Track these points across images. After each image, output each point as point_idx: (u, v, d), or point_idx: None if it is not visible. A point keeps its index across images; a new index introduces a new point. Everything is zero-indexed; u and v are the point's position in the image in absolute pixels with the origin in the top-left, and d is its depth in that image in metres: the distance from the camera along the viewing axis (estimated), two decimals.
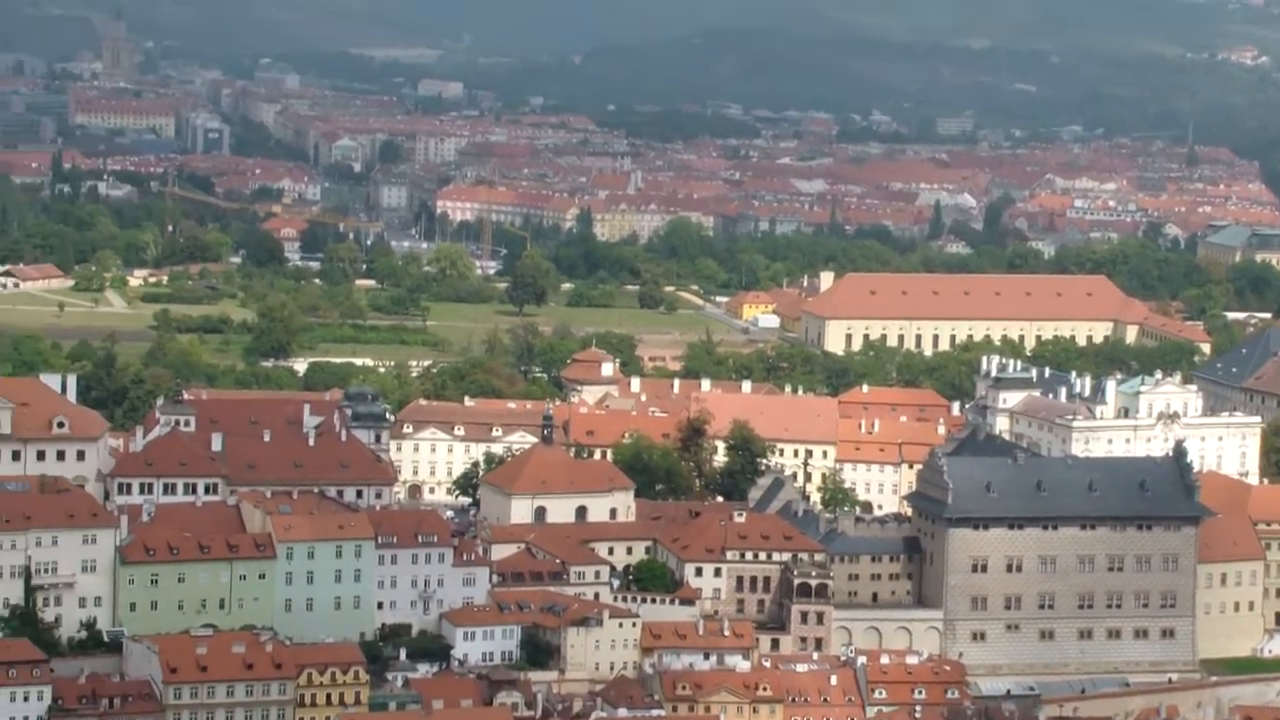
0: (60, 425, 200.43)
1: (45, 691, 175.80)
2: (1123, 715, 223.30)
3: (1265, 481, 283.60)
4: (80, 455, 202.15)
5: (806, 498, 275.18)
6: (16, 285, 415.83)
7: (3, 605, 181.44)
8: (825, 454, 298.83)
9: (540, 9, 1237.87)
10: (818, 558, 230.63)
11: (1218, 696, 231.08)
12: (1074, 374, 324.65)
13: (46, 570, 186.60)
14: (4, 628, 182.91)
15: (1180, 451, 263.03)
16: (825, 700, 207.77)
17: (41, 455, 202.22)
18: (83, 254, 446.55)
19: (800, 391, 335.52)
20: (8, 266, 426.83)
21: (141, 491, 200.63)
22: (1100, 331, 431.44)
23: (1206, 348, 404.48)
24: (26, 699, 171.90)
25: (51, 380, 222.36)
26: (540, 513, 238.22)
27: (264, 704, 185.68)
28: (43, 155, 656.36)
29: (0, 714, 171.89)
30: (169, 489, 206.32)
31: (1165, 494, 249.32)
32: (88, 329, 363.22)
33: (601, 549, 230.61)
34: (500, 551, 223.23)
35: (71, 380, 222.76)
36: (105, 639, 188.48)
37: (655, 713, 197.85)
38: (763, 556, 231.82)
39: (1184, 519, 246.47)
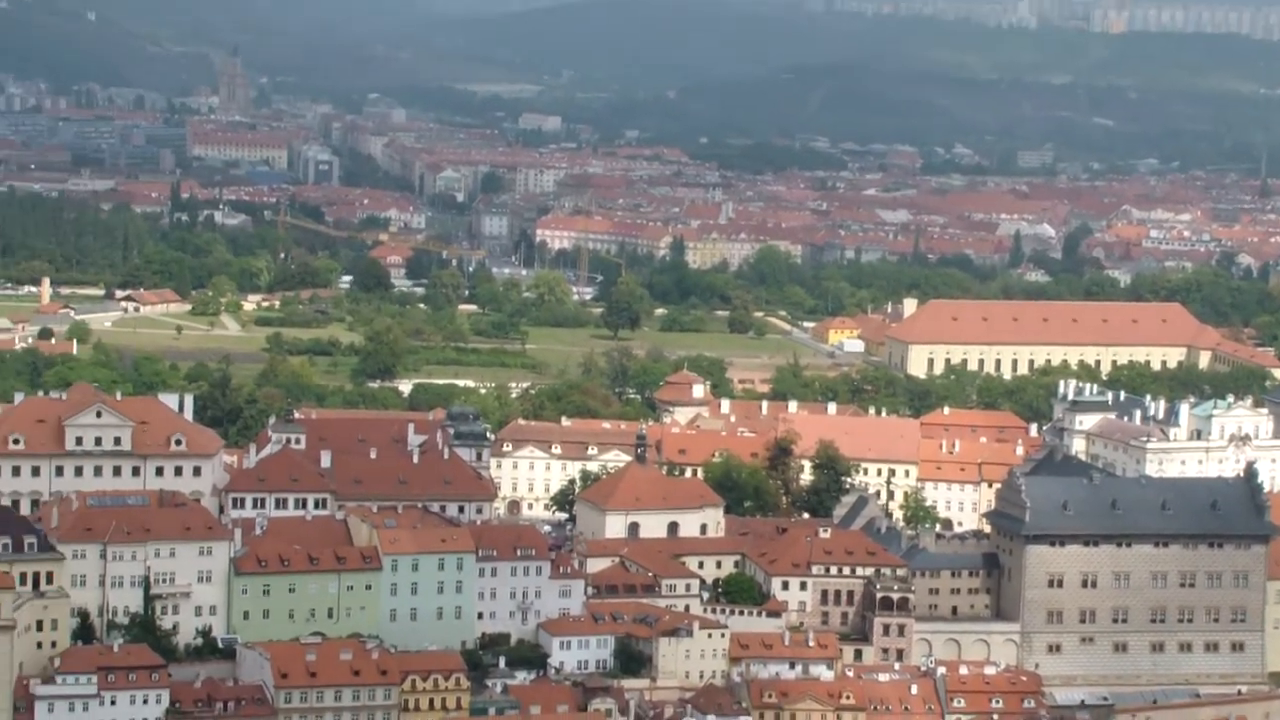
0: (178, 443, 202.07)
1: (163, 695, 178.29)
2: None
3: None
4: (196, 471, 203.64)
5: (889, 515, 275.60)
6: (137, 310, 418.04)
7: (123, 613, 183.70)
8: (907, 473, 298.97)
9: (636, 47, 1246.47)
10: (900, 572, 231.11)
11: None
12: (1148, 397, 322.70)
13: (165, 580, 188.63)
14: (125, 634, 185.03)
15: (1251, 472, 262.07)
16: (906, 709, 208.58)
17: (160, 471, 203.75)
18: (199, 280, 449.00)
19: (884, 413, 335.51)
20: (129, 292, 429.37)
21: (254, 506, 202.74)
22: (1174, 357, 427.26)
23: (1278, 373, 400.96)
24: (145, 702, 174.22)
25: (170, 400, 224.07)
26: (633, 528, 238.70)
27: (370, 708, 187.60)
28: (162, 185, 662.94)
29: (121, 716, 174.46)
30: (280, 504, 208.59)
31: (1236, 513, 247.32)
32: (204, 351, 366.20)
33: (692, 563, 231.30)
34: (595, 565, 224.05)
35: (189, 400, 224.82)
36: (220, 645, 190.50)
37: (743, 719, 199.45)
38: (847, 571, 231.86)
39: (1254, 537, 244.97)
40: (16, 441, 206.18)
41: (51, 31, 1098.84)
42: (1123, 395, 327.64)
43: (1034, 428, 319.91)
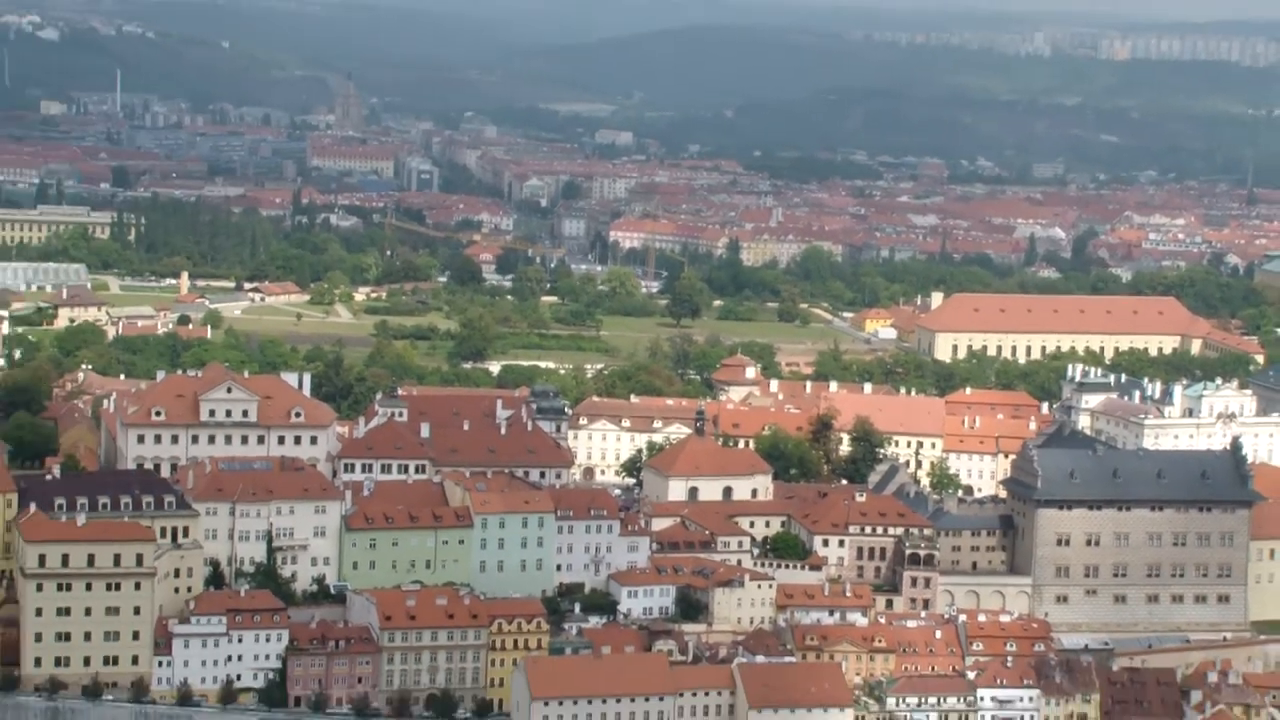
0: (297, 415, 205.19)
1: (283, 634, 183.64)
2: (1184, 667, 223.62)
3: None
4: (313, 440, 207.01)
5: (917, 482, 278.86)
6: (262, 299, 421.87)
7: (249, 563, 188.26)
8: (934, 445, 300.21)
9: (698, 72, 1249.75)
10: (926, 532, 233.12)
11: (1265, 652, 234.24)
12: (1146, 380, 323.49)
13: (285, 535, 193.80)
14: (250, 581, 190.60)
15: (1236, 446, 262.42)
16: (931, 651, 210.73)
17: (281, 440, 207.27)
18: (317, 274, 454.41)
19: (913, 393, 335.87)
20: (256, 284, 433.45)
21: (363, 471, 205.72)
22: (1169, 344, 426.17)
23: (1261, 359, 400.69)
24: (268, 640, 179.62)
25: (290, 378, 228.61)
26: (693, 492, 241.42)
27: (462, 648, 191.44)
28: (285, 192, 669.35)
29: (247, 652, 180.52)
30: (385, 469, 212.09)
31: (1223, 482, 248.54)
32: (320, 336, 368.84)
33: (744, 523, 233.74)
34: (659, 524, 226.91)
35: (306, 378, 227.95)
36: (332, 592, 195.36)
37: (788, 660, 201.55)
38: (880, 530, 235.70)
39: (1239, 503, 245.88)
40: (158, 414, 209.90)
41: (191, 58, 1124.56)
42: (1124, 378, 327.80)
43: (1045, 406, 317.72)
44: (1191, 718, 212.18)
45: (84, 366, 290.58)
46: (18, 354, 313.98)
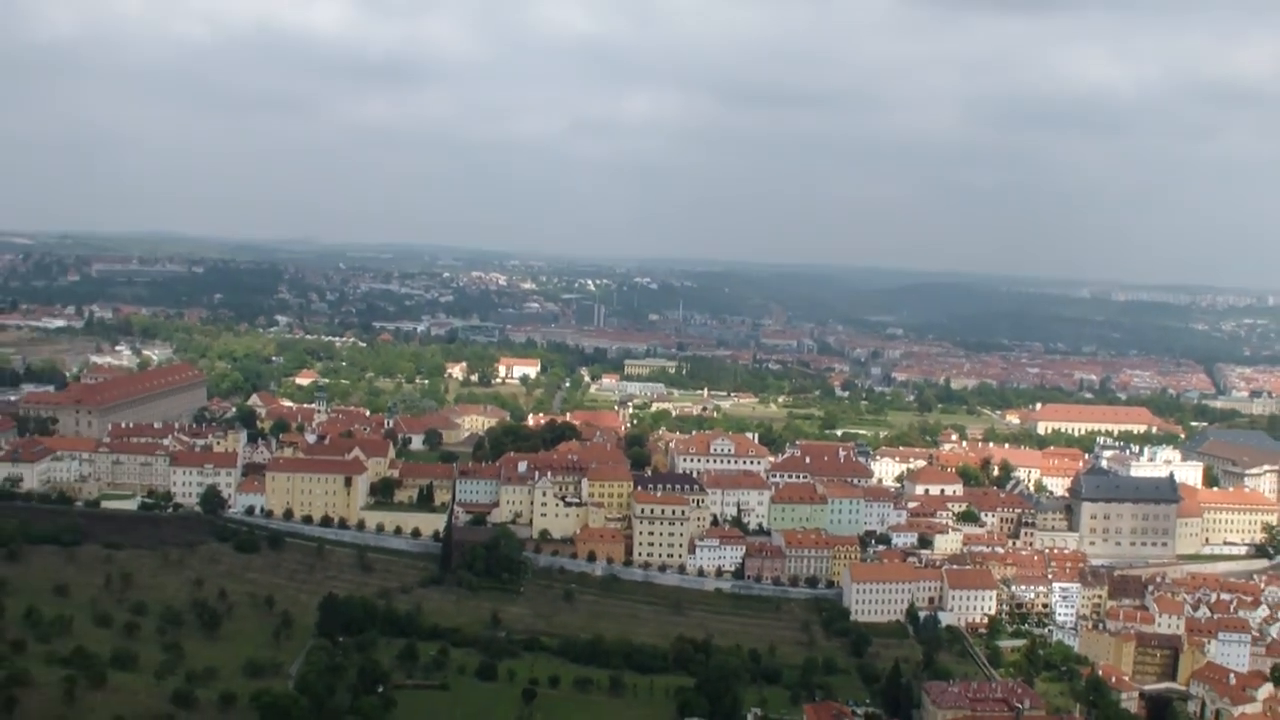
0: None
1: None
2: (1146, 574, 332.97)
3: None
4: None
5: (1028, 488, 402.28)
6: None
7: None
8: (1036, 470, 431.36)
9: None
10: (1031, 510, 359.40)
11: (1182, 569, 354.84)
12: (1133, 445, 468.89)
13: None
14: None
15: (1171, 475, 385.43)
16: (1035, 562, 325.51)
17: None
18: None
19: (1023, 448, 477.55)
20: None
21: None
22: (1142, 428, 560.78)
23: (1182, 435, 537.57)
24: None
25: None
26: None
27: None
28: None
29: None
30: None
31: (1165, 491, 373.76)
32: None
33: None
34: None
35: None
36: None
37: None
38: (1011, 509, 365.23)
39: (1171, 500, 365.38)
40: None
41: None
42: (1123, 444, 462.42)
43: (1086, 455, 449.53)
44: (1148, 597, 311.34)
45: None
46: None
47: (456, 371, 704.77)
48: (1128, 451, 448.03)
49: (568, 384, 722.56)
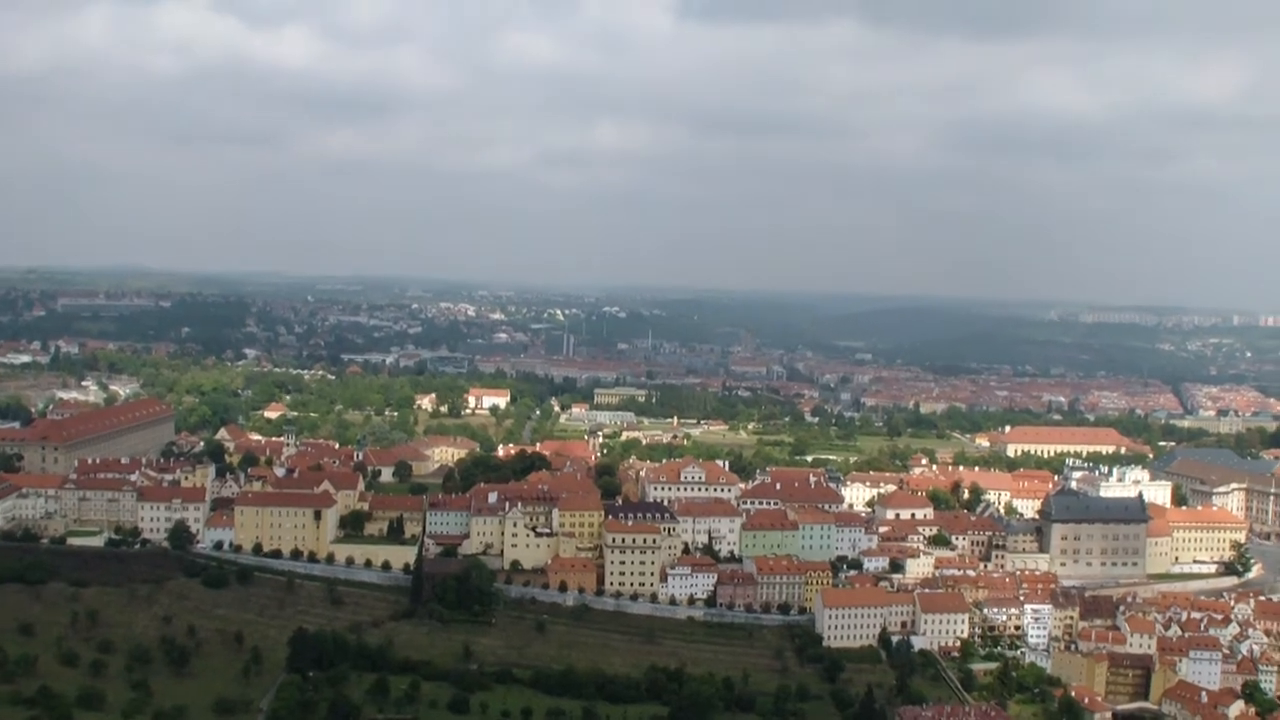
0: None
1: None
2: (1117, 594, 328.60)
3: None
4: None
5: (998, 510, 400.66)
6: None
7: None
8: (1006, 494, 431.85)
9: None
10: (1003, 533, 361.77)
11: (1153, 588, 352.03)
12: (1102, 465, 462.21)
13: None
14: None
15: (1140, 495, 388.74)
16: (1005, 585, 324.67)
17: None
18: None
19: (993, 470, 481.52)
20: None
21: None
22: (1111, 449, 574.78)
23: (1151, 455, 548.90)
24: None
25: None
26: None
27: None
28: None
29: None
30: None
31: (1134, 510, 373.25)
32: None
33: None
34: None
35: None
36: None
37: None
38: (983, 533, 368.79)
39: (1140, 520, 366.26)
40: None
41: None
42: (1091, 464, 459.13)
43: (1056, 477, 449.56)
44: (1120, 618, 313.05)
45: None
46: None
47: (426, 403, 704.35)
48: (1097, 472, 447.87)
49: (537, 414, 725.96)
